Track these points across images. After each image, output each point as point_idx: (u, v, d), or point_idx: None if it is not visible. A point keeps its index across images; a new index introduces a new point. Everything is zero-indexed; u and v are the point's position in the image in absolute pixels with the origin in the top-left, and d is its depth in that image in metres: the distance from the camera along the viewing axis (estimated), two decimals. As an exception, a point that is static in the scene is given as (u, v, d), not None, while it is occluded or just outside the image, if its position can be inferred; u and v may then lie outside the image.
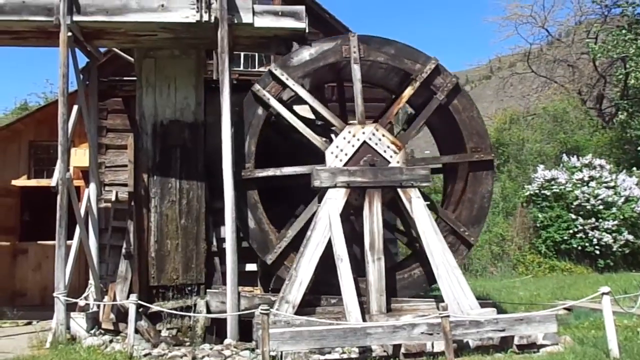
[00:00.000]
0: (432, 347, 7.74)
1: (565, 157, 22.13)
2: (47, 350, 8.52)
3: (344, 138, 9.47)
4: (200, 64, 10.48)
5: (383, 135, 9.56)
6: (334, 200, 9.10)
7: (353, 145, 9.46)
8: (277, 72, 9.68)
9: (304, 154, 9.89)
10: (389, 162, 9.48)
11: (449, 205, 10.49)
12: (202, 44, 10.15)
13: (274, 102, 9.63)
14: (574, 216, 19.47)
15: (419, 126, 10.28)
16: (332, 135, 9.85)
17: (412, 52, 10.08)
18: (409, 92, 9.92)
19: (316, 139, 9.60)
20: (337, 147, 9.44)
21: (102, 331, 9.45)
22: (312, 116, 10.40)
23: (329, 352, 7.82)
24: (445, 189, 11.34)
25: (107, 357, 7.95)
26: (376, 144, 9.52)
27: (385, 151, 9.52)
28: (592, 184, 19.82)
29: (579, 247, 19.24)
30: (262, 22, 9.52)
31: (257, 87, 9.65)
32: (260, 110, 9.70)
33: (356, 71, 9.78)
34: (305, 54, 9.83)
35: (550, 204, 20.18)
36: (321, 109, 9.84)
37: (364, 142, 9.50)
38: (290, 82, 9.66)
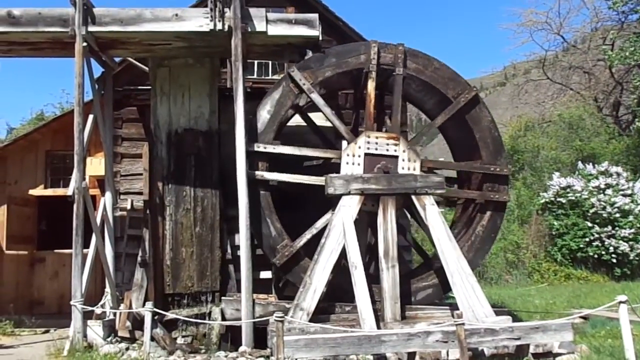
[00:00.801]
0: (447, 355, 7.72)
1: (581, 165, 21.95)
2: (65, 358, 8.60)
3: (359, 147, 9.48)
4: (214, 73, 10.56)
5: (377, 137, 9.55)
6: (348, 208, 9.11)
7: (359, 164, 9.47)
8: (296, 75, 9.68)
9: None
10: (403, 169, 9.49)
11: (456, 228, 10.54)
12: (216, 52, 10.23)
13: (303, 94, 9.68)
14: (590, 224, 19.29)
15: (430, 129, 10.26)
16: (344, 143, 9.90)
17: (453, 77, 10.12)
18: (441, 118, 10.01)
19: (343, 130, 9.63)
20: (350, 154, 9.45)
21: (119, 339, 9.50)
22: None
23: (344, 360, 7.79)
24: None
25: (123, 364, 8.00)
26: (387, 150, 9.53)
27: (387, 150, 9.52)
28: (609, 191, 19.64)
29: (595, 255, 19.05)
30: (275, 30, 9.58)
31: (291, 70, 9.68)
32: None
33: (399, 83, 9.82)
34: (330, 59, 9.85)
35: (566, 211, 20.02)
36: (333, 119, 9.89)
37: (377, 149, 9.50)
38: (306, 87, 9.67)
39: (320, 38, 9.79)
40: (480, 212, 10.07)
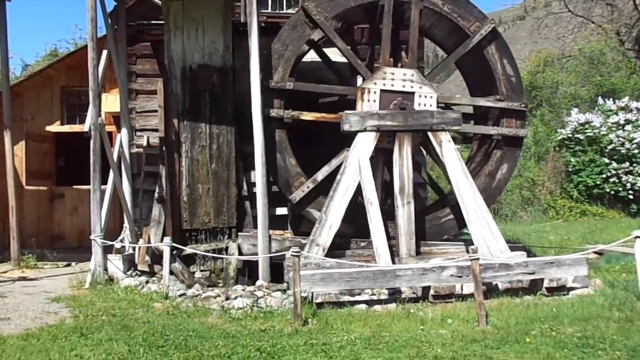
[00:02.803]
0: (462, 289, 7.81)
1: (600, 100, 21.55)
2: (87, 290, 8.84)
3: (375, 83, 9.34)
4: (228, 6, 10.33)
5: (393, 73, 9.42)
6: (364, 145, 9.07)
7: (375, 100, 9.34)
8: (310, 9, 9.47)
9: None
10: (419, 105, 9.37)
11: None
12: (229, -15, 9.99)
13: (317, 28, 9.54)
14: (607, 160, 19.12)
15: (447, 64, 10.07)
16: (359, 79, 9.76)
17: (470, 10, 9.90)
18: (457, 53, 9.81)
19: (361, 67, 9.51)
20: (366, 91, 9.33)
21: (138, 273, 9.73)
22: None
23: (359, 294, 7.93)
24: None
25: (144, 297, 8.21)
26: (403, 87, 9.39)
27: (403, 86, 9.40)
28: (628, 127, 19.35)
29: (612, 192, 18.98)
30: (290, -40, 9.33)
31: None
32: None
33: (415, 15, 9.58)
34: None
35: (584, 147, 19.82)
36: (349, 54, 9.71)
37: (392, 86, 9.36)
38: (320, 21, 9.46)
39: (337, -30, 9.51)
40: (497, 148, 10.00)
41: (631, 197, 18.80)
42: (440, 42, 11.13)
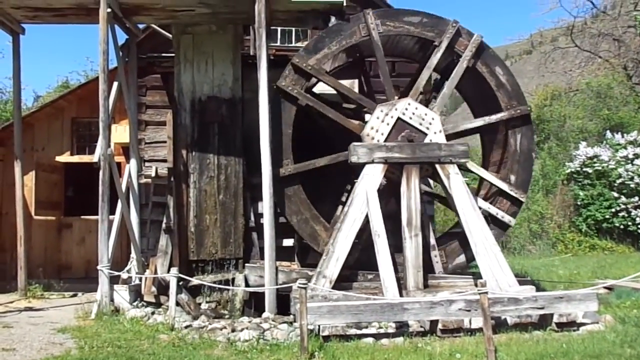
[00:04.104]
0: (470, 323, 7.71)
1: (609, 134, 21.56)
2: (93, 321, 8.78)
3: (377, 117, 9.39)
4: (238, 40, 10.50)
5: (416, 108, 9.45)
6: (372, 176, 9.07)
7: (388, 124, 9.36)
8: (299, 62, 9.51)
9: (340, 137, 9.82)
10: (426, 135, 9.39)
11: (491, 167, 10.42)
12: (239, 19, 10.16)
13: (301, 95, 9.54)
14: (616, 194, 19.04)
15: (449, 90, 10.05)
16: (366, 116, 9.78)
17: (430, 19, 9.88)
18: (434, 59, 9.75)
19: (351, 124, 9.53)
20: (372, 127, 9.36)
21: (145, 303, 9.67)
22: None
23: (366, 327, 7.85)
24: (485, 153, 11.18)
25: (150, 328, 8.14)
26: (410, 118, 9.42)
27: (420, 124, 9.42)
28: (637, 161, 19.31)
29: (621, 226, 18.85)
30: (299, -5, 9.46)
31: (282, 82, 9.50)
32: (289, 105, 9.59)
33: (378, 48, 9.60)
34: (327, 39, 9.65)
35: (592, 181, 19.76)
36: (350, 93, 9.78)
37: (398, 118, 9.40)
38: (313, 71, 9.54)
39: (345, 4, 9.64)
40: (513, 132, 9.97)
41: (641, 231, 18.66)
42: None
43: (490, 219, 9.66)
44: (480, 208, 9.36)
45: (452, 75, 9.80)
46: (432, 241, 9.82)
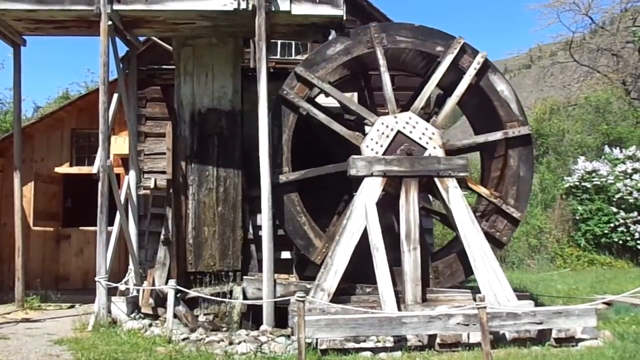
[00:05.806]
0: (468, 338, 7.68)
1: (607, 149, 21.59)
2: (90, 332, 8.74)
3: (378, 130, 9.40)
4: (238, 53, 10.55)
5: (417, 123, 9.47)
6: (370, 190, 9.08)
7: (387, 136, 9.39)
8: (302, 72, 9.58)
9: (339, 148, 9.83)
10: (425, 149, 9.40)
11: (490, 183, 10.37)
12: (239, 32, 10.21)
13: (303, 103, 9.58)
14: (615, 209, 19.02)
15: (451, 107, 10.04)
16: (366, 128, 9.79)
17: (435, 34, 9.90)
18: (438, 74, 9.76)
19: (350, 135, 9.55)
20: (372, 139, 9.38)
21: (142, 315, 9.64)
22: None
23: (364, 341, 7.82)
24: (483, 169, 11.15)
25: (147, 340, 8.10)
26: (411, 132, 9.44)
27: (420, 138, 9.43)
28: (636, 176, 19.30)
29: (620, 241, 18.80)
30: (299, 9, 9.50)
31: (284, 90, 9.57)
32: (290, 114, 9.63)
33: (381, 60, 9.64)
34: (330, 50, 9.72)
35: (591, 196, 19.75)
36: (351, 104, 9.80)
37: (399, 131, 9.42)
38: (316, 81, 9.59)
39: (345, 18, 9.69)
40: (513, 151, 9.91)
41: (640, 247, 18.63)
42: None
43: (486, 236, 9.63)
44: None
45: (455, 92, 9.81)
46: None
